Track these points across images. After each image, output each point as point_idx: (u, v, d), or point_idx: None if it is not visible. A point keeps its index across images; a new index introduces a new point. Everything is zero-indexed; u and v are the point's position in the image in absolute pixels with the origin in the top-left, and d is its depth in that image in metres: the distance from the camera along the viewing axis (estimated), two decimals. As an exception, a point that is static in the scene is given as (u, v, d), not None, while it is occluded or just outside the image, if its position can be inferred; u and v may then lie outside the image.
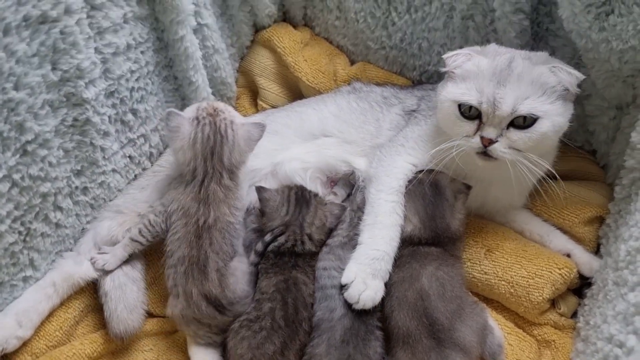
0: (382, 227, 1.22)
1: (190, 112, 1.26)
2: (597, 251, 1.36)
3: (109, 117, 1.26)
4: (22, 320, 1.19)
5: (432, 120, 1.36)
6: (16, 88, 1.02)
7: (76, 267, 1.27)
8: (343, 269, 1.20)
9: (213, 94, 1.55)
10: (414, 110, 1.46)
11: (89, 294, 1.31)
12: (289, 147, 1.44)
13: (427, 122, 1.38)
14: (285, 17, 1.75)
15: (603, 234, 1.35)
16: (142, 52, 1.31)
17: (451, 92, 1.20)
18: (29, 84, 1.03)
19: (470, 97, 1.15)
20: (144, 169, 1.45)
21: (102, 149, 1.27)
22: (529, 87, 1.12)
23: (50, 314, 1.25)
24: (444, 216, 1.25)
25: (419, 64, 1.63)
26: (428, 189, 1.27)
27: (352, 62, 1.75)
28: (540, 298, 1.25)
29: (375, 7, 1.59)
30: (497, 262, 1.31)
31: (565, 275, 1.26)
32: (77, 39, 1.11)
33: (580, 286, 1.34)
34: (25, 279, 1.21)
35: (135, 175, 1.42)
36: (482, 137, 1.15)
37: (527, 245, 1.32)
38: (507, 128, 1.14)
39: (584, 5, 1.15)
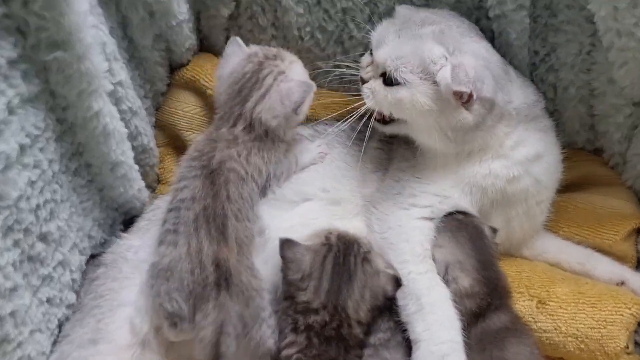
0: (433, 309, 0.97)
1: (255, 48, 1.14)
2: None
3: (13, 263, 0.79)
4: None
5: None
6: None
7: None
8: None
9: (133, 166, 1.11)
10: (393, 137, 1.17)
11: None
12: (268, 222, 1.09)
13: (415, 150, 1.12)
14: (202, 46, 1.33)
15: (645, 247, 1.19)
16: (41, 150, 0.84)
17: None
18: None
19: (376, 31, 1.09)
20: (69, 306, 0.98)
21: (13, 314, 0.80)
22: (411, 55, 1.01)
23: None
24: (493, 263, 1.04)
25: (386, 80, 1.33)
26: (472, 232, 1.05)
27: (297, 89, 1.40)
28: (619, 348, 1.05)
29: (326, 20, 1.25)
30: (557, 316, 1.08)
31: (636, 314, 1.07)
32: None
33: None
34: None
35: (60, 320, 0.96)
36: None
37: (580, 285, 1.12)
38: (380, 77, 1.06)
39: (632, -1, 0.93)
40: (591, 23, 1.13)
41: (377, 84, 1.06)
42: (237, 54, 1.11)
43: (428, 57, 0.99)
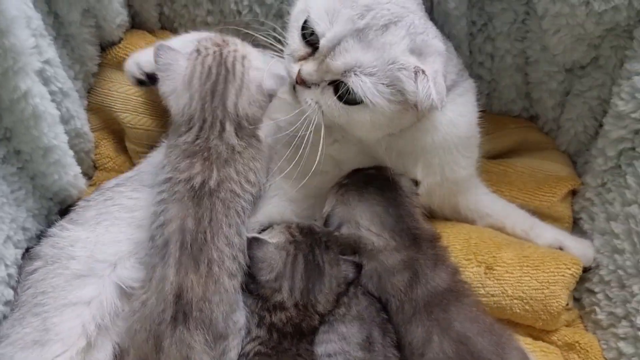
0: None
1: (189, 39, 1.00)
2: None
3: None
4: None
5: None
6: None
7: None
8: (352, 355, 0.92)
9: (67, 152, 1.04)
10: None
11: None
12: None
13: None
14: (134, 23, 1.26)
15: (580, 208, 1.25)
16: (-35, 136, 0.77)
17: None
18: None
19: (320, 22, 0.89)
20: (6, 303, 0.92)
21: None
22: (381, 68, 0.87)
23: None
24: (411, 212, 1.02)
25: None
26: (382, 185, 1.02)
27: (236, 66, 1.36)
28: (560, 307, 1.10)
29: (267, -9, 1.21)
30: (503, 280, 1.12)
31: (576, 274, 1.13)
32: None
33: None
34: None
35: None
36: (299, 71, 0.92)
37: (524, 249, 1.16)
38: (330, 84, 0.91)
39: (568, -35, 0.96)
40: (525, -9, 1.16)
41: (327, 98, 0.92)
42: (177, 58, 0.94)
43: (402, 74, 0.87)
